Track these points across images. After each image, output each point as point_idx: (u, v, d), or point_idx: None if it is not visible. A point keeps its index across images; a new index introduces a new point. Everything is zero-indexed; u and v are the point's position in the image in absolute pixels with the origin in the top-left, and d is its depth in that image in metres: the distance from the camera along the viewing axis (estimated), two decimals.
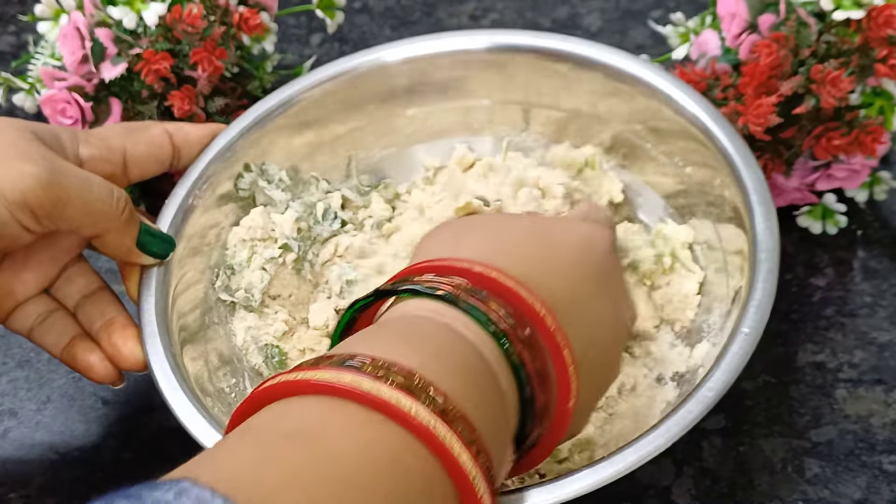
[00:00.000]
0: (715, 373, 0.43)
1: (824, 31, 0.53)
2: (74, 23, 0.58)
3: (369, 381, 0.32)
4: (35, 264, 0.50)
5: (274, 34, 0.62)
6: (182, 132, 0.54)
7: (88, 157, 0.50)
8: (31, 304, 0.50)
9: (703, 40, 0.57)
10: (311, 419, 0.32)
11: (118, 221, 0.48)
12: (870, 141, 0.54)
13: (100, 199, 0.47)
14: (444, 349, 0.36)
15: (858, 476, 0.49)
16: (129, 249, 0.49)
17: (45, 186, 0.44)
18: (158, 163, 0.53)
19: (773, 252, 0.47)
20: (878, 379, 0.53)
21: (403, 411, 0.32)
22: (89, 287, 0.52)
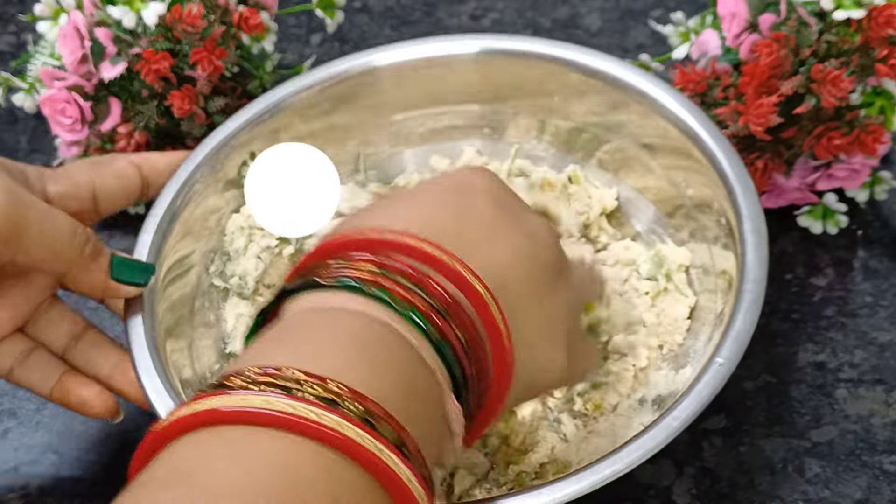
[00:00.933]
0: (683, 401, 0.43)
1: (825, 30, 0.53)
2: (74, 22, 0.58)
3: (257, 397, 0.30)
4: (6, 302, 0.49)
5: (274, 34, 0.62)
6: (149, 163, 0.53)
7: (56, 194, 0.49)
8: (7, 344, 0.49)
9: (703, 40, 0.57)
10: (192, 455, 0.30)
11: (81, 258, 0.46)
12: (870, 141, 0.54)
13: (60, 234, 0.46)
14: (327, 332, 0.35)
15: (859, 476, 0.49)
16: (102, 285, 0.48)
17: (3, 211, 0.43)
18: (128, 195, 0.52)
19: (760, 283, 0.46)
20: (879, 379, 0.53)
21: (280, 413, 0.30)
22: (75, 329, 0.51)
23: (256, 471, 0.29)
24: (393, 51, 0.59)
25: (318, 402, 0.31)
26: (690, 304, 0.53)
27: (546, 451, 0.49)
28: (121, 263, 0.48)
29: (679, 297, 0.53)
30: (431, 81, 0.59)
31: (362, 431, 0.31)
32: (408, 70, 0.58)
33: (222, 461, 0.29)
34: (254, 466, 0.29)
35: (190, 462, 0.30)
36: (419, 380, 0.35)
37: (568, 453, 0.49)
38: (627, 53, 0.68)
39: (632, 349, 0.51)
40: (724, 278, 0.50)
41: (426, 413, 0.35)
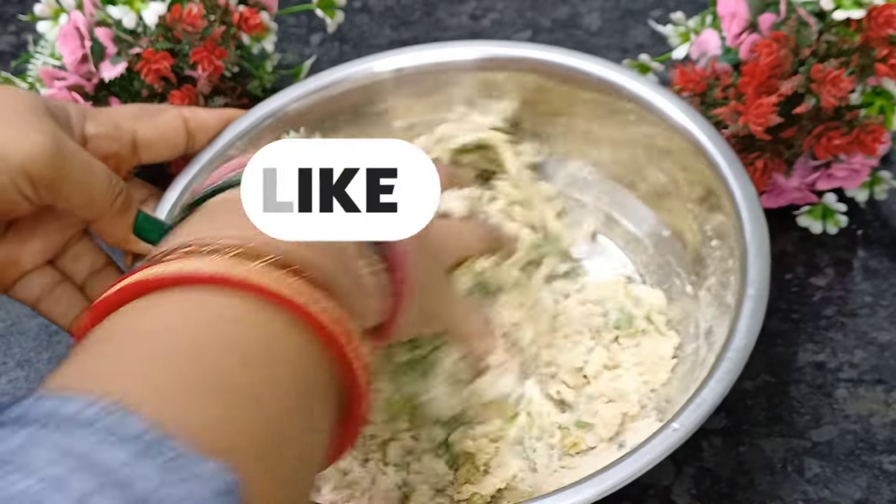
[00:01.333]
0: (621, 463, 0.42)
1: (824, 30, 0.53)
2: (74, 22, 0.58)
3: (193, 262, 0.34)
4: (40, 234, 0.51)
5: (274, 34, 0.62)
6: (198, 117, 0.55)
7: (94, 134, 0.51)
8: (37, 275, 0.51)
9: (703, 40, 0.57)
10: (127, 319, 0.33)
11: (111, 209, 0.49)
12: (870, 140, 0.54)
13: (97, 183, 0.48)
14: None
15: (859, 476, 0.49)
16: (124, 237, 0.50)
17: (49, 158, 0.45)
18: (172, 146, 0.54)
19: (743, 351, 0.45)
20: (879, 379, 0.53)
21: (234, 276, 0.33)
22: (96, 263, 0.53)
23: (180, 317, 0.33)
24: (394, 57, 0.59)
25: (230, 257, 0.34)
26: (674, 344, 0.52)
27: (506, 477, 0.49)
28: (145, 220, 0.50)
29: (659, 338, 0.53)
30: (433, 89, 0.59)
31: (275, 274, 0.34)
32: (409, 77, 0.58)
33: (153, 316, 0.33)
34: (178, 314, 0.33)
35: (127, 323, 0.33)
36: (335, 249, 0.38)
37: (533, 482, 0.49)
38: (627, 53, 0.68)
39: (622, 396, 0.51)
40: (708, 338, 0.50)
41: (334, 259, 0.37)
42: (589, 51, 0.67)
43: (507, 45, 0.58)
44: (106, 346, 0.32)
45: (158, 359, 0.31)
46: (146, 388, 0.29)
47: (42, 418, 0.27)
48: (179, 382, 0.30)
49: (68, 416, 0.27)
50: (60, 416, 0.27)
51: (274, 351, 0.33)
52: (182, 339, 0.32)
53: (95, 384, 0.29)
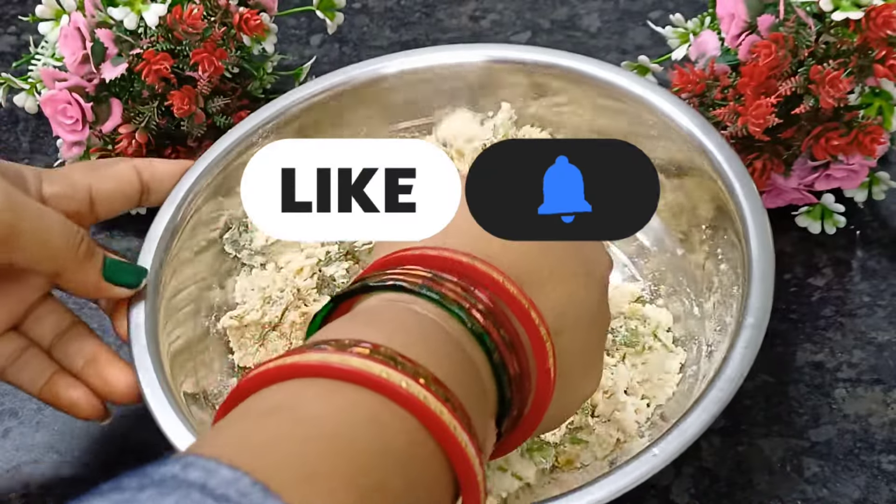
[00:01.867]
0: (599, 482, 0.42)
1: (823, 31, 0.53)
2: (75, 23, 0.58)
3: (337, 356, 0.32)
4: (1, 301, 0.49)
5: (274, 35, 0.62)
6: (151, 168, 0.53)
7: (51, 194, 0.49)
8: (0, 343, 0.49)
9: (702, 41, 0.57)
10: (288, 394, 0.32)
11: (75, 257, 0.47)
12: (868, 141, 0.54)
13: (54, 234, 0.46)
14: (409, 325, 0.36)
15: (857, 475, 0.49)
16: (95, 284, 0.48)
17: (1, 211, 0.44)
18: (126, 198, 0.52)
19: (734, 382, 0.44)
20: (877, 379, 0.53)
21: (374, 376, 0.32)
22: (62, 325, 0.51)
23: (345, 410, 0.31)
24: (400, 59, 0.58)
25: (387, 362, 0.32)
26: (681, 360, 0.52)
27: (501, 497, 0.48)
28: (113, 264, 0.48)
29: (666, 354, 0.52)
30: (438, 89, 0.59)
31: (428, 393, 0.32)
32: (414, 78, 0.58)
33: (316, 400, 0.32)
34: (343, 407, 0.31)
35: (286, 399, 0.32)
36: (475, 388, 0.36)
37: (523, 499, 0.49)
38: (626, 54, 0.68)
39: (618, 423, 0.50)
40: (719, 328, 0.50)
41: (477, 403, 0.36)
42: (588, 52, 0.67)
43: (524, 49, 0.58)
44: (264, 420, 0.31)
45: (314, 445, 0.30)
46: (295, 473, 0.29)
47: (189, 485, 0.27)
48: (328, 474, 0.29)
49: (214, 487, 0.27)
50: (207, 487, 0.27)
51: (418, 469, 0.32)
52: (339, 431, 0.31)
53: (243, 458, 0.28)
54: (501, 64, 0.58)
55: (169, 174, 0.53)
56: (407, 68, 0.58)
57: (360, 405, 0.32)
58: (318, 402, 0.31)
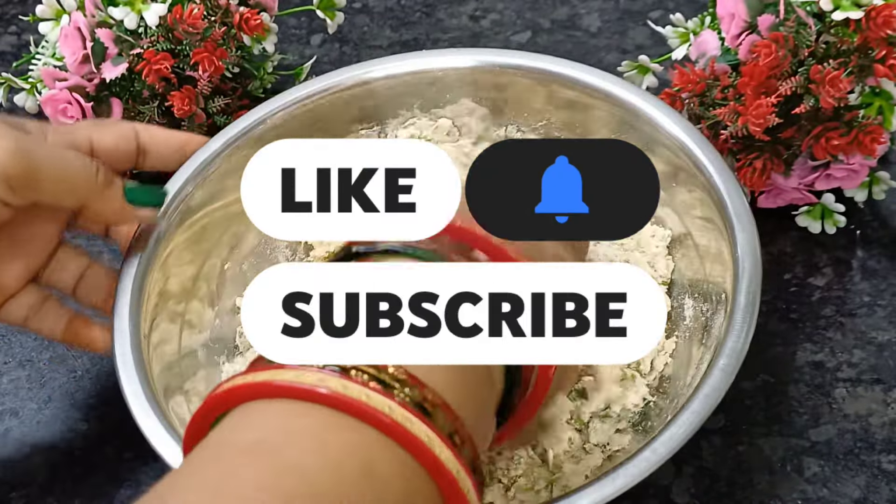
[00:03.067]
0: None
1: (823, 31, 0.53)
2: (75, 23, 0.58)
3: (335, 380, 0.31)
4: (20, 255, 0.50)
5: (274, 34, 0.62)
6: (148, 131, 0.54)
7: (54, 143, 0.50)
8: (23, 296, 0.51)
9: (702, 40, 0.57)
10: (273, 427, 0.31)
11: (96, 185, 0.48)
12: (869, 141, 0.54)
13: (73, 167, 0.47)
14: None
15: (857, 475, 0.49)
16: (120, 209, 0.49)
17: (16, 155, 0.45)
18: (125, 157, 0.53)
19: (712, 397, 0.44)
20: (877, 378, 0.53)
21: (373, 410, 0.31)
22: (81, 268, 0.52)
23: (339, 464, 0.30)
24: (391, 63, 0.58)
25: (407, 404, 0.31)
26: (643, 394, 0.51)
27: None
28: (133, 187, 0.49)
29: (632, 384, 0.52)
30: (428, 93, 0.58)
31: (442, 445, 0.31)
32: (404, 82, 0.58)
33: (306, 442, 0.30)
34: (336, 460, 0.30)
35: (272, 434, 0.30)
36: (483, 391, 0.36)
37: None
38: (626, 54, 0.68)
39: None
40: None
41: (482, 426, 0.36)
42: (588, 52, 0.68)
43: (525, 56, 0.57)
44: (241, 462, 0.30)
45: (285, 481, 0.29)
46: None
47: None
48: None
49: None
50: None
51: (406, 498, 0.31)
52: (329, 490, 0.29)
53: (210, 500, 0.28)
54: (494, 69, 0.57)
55: (165, 139, 0.54)
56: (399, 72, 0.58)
57: (354, 450, 0.30)
58: (309, 447, 0.30)
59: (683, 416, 0.42)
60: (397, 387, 0.32)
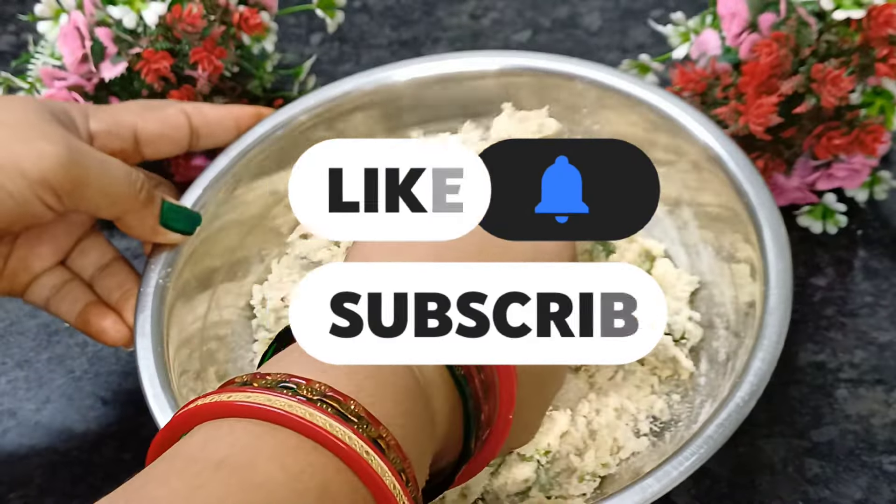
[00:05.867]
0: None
1: (825, 30, 0.53)
2: (74, 22, 0.58)
3: (303, 407, 0.32)
4: (50, 238, 0.51)
5: (274, 34, 0.62)
6: (202, 113, 0.54)
7: (97, 131, 0.51)
8: (47, 277, 0.52)
9: (703, 40, 0.57)
10: (241, 446, 0.32)
11: (136, 203, 0.49)
12: (870, 140, 0.54)
13: (117, 182, 0.48)
14: (379, 371, 0.36)
15: (859, 476, 0.49)
16: (152, 229, 0.50)
17: (66, 166, 0.46)
18: (173, 143, 0.54)
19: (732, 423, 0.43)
20: (879, 379, 0.53)
21: (336, 439, 0.32)
22: (103, 259, 0.53)
23: (299, 481, 0.31)
24: (413, 66, 0.58)
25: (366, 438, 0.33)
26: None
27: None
28: (170, 209, 0.50)
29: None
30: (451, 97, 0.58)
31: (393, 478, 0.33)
32: (427, 85, 0.58)
33: (270, 462, 0.31)
34: (297, 477, 0.31)
35: (239, 452, 0.31)
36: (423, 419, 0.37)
37: None
38: (627, 53, 0.68)
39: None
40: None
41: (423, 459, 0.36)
42: (588, 51, 0.67)
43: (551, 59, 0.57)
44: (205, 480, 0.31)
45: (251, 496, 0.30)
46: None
47: None
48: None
49: None
50: None
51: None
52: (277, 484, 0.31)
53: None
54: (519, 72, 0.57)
55: (218, 119, 0.55)
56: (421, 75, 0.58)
57: (314, 471, 0.32)
58: (273, 465, 0.31)
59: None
60: (357, 421, 0.33)
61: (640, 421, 0.50)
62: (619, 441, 0.49)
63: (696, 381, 0.50)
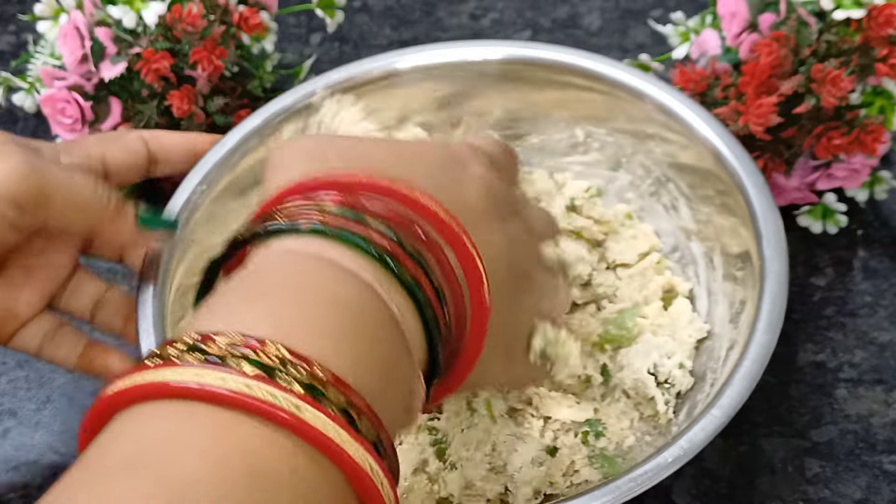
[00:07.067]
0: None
1: (825, 30, 0.53)
2: (74, 22, 0.58)
3: (214, 373, 0.29)
4: (33, 281, 0.50)
5: (273, 33, 0.62)
6: (157, 139, 0.54)
7: (69, 165, 0.50)
8: (37, 323, 0.50)
9: (703, 39, 0.57)
10: (151, 437, 0.28)
11: (106, 211, 0.48)
12: (870, 140, 0.54)
13: (83, 190, 0.47)
14: (311, 296, 0.33)
15: (859, 476, 0.49)
16: (131, 236, 0.49)
17: (27, 177, 0.45)
18: (136, 169, 0.53)
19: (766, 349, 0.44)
20: (879, 379, 0.53)
21: (259, 401, 0.28)
22: (97, 293, 0.52)
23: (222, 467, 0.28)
24: (415, 54, 0.58)
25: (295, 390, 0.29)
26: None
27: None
28: (146, 211, 0.49)
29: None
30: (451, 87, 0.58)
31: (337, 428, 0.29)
32: (430, 75, 0.58)
33: (183, 452, 0.28)
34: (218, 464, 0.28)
35: (148, 446, 0.28)
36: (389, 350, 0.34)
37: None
38: (627, 53, 0.68)
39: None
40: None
41: (389, 382, 0.33)
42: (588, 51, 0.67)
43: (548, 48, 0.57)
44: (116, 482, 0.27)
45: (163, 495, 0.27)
46: None
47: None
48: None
49: None
50: None
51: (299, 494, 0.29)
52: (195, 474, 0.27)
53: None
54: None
55: (175, 145, 0.54)
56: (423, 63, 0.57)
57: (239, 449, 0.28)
58: (189, 455, 0.27)
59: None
60: (281, 368, 0.29)
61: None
62: (577, 465, 0.49)
63: (671, 429, 0.49)
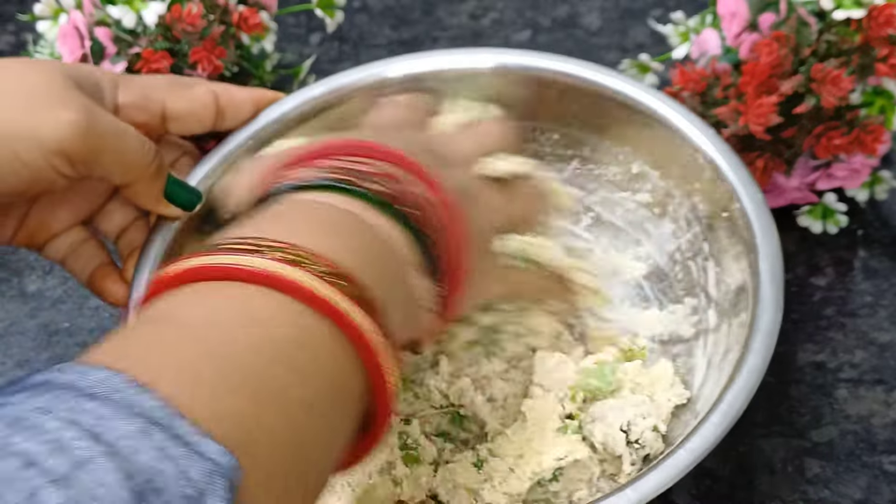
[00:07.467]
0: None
1: (825, 30, 0.53)
2: (74, 22, 0.58)
3: (248, 258, 0.35)
4: (70, 202, 0.52)
5: (273, 33, 0.62)
6: (228, 94, 0.54)
7: (125, 103, 0.51)
8: (65, 236, 0.52)
9: (703, 39, 0.57)
10: (167, 304, 0.35)
11: (147, 172, 0.49)
12: (870, 140, 0.54)
13: (132, 150, 0.48)
14: (317, 221, 0.40)
15: (859, 476, 0.49)
16: (157, 199, 0.50)
17: (83, 135, 0.46)
18: (199, 122, 0.54)
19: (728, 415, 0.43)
20: (879, 379, 0.52)
21: (284, 277, 0.35)
22: (126, 219, 0.53)
23: (220, 310, 0.34)
24: (409, 61, 0.57)
25: (282, 259, 0.35)
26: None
27: None
28: (175, 184, 0.51)
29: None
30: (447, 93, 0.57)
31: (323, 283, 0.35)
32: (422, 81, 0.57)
33: (194, 305, 0.35)
34: (218, 307, 0.35)
35: (170, 308, 0.35)
36: (381, 252, 0.40)
37: None
38: (627, 53, 0.68)
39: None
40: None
41: (388, 277, 0.39)
42: (588, 51, 0.67)
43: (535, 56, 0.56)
44: (145, 327, 0.34)
45: (191, 346, 0.32)
46: (170, 372, 0.31)
47: (61, 387, 0.29)
48: (207, 371, 0.31)
49: (85, 387, 0.29)
50: (78, 386, 0.29)
51: (309, 354, 0.34)
52: (221, 332, 0.33)
53: (121, 362, 0.30)
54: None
55: (245, 101, 0.55)
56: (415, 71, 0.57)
57: (233, 302, 0.35)
58: (195, 306, 0.35)
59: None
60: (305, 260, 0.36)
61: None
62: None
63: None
